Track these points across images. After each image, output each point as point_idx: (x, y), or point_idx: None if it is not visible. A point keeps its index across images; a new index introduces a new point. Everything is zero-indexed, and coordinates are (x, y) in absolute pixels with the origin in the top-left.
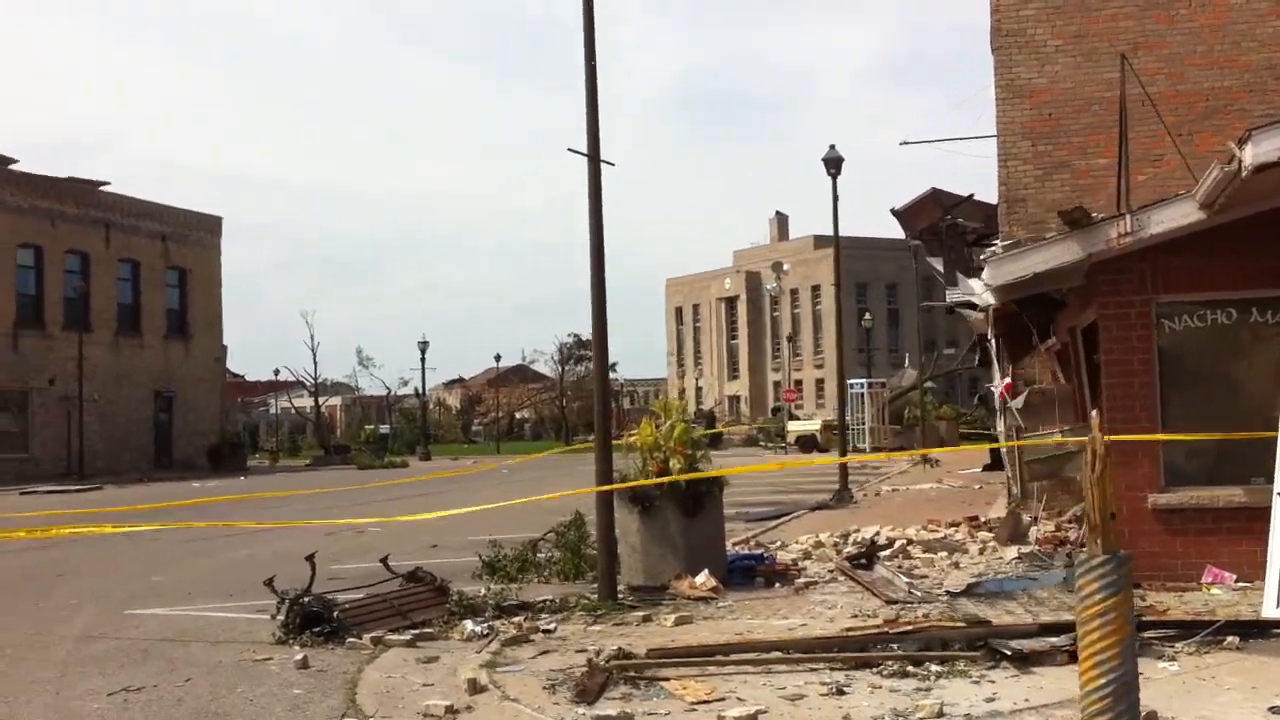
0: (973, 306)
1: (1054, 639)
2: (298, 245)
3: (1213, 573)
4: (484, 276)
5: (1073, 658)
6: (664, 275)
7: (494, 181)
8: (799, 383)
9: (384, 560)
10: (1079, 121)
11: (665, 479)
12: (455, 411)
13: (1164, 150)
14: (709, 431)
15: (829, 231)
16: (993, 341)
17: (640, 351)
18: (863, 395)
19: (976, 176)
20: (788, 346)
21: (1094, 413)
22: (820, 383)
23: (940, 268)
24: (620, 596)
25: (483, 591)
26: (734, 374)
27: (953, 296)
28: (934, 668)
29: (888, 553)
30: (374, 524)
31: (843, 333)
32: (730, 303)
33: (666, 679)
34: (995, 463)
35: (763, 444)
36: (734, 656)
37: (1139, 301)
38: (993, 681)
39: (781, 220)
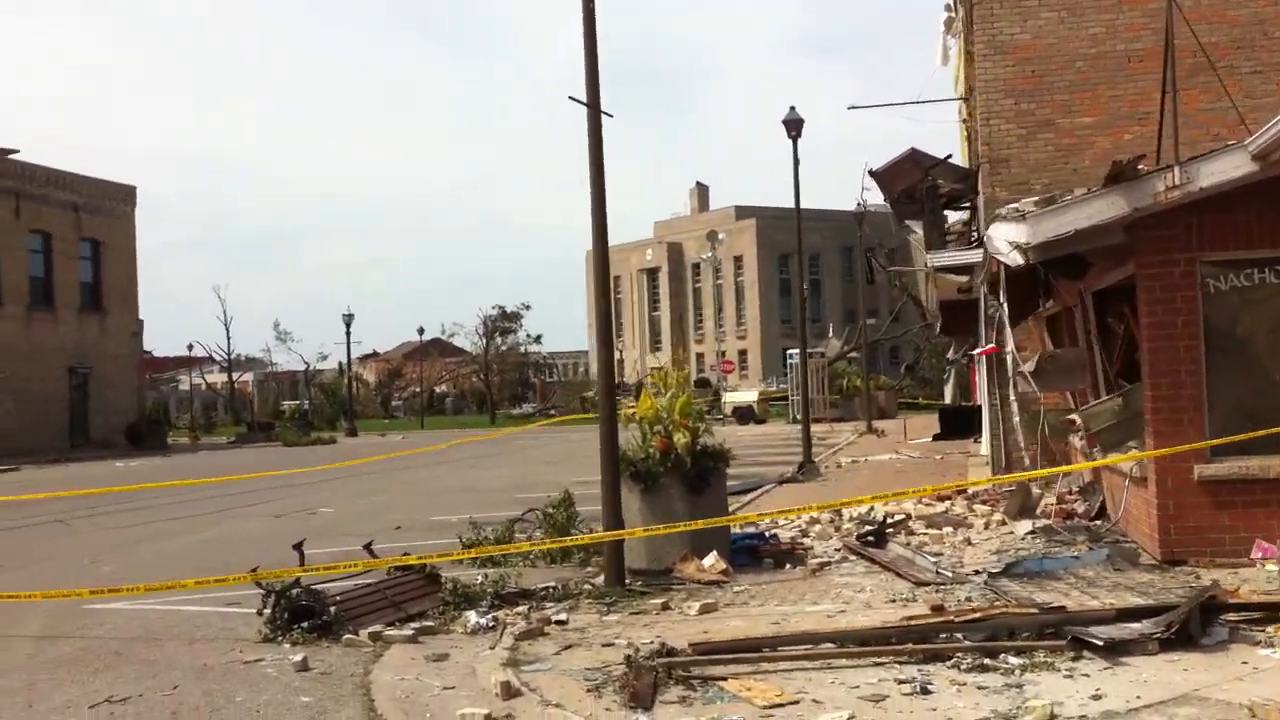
0: (957, 270)
1: (1136, 625)
2: (209, 222)
3: (1262, 547)
4: (399, 252)
5: (1164, 646)
6: (584, 247)
7: (413, 155)
8: (722, 354)
9: (368, 546)
10: (1063, 79)
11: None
12: (373, 386)
13: (1151, 108)
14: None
15: (749, 202)
16: (1004, 305)
17: (561, 324)
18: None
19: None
20: (716, 317)
21: None
22: (743, 354)
23: (919, 230)
24: (627, 582)
25: (479, 579)
26: (656, 346)
27: (937, 260)
28: (1012, 660)
29: (890, 529)
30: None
31: (790, 302)
32: (652, 274)
33: (721, 678)
34: (946, 431)
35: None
36: (787, 650)
37: (1183, 260)
38: (1086, 675)
39: (702, 191)
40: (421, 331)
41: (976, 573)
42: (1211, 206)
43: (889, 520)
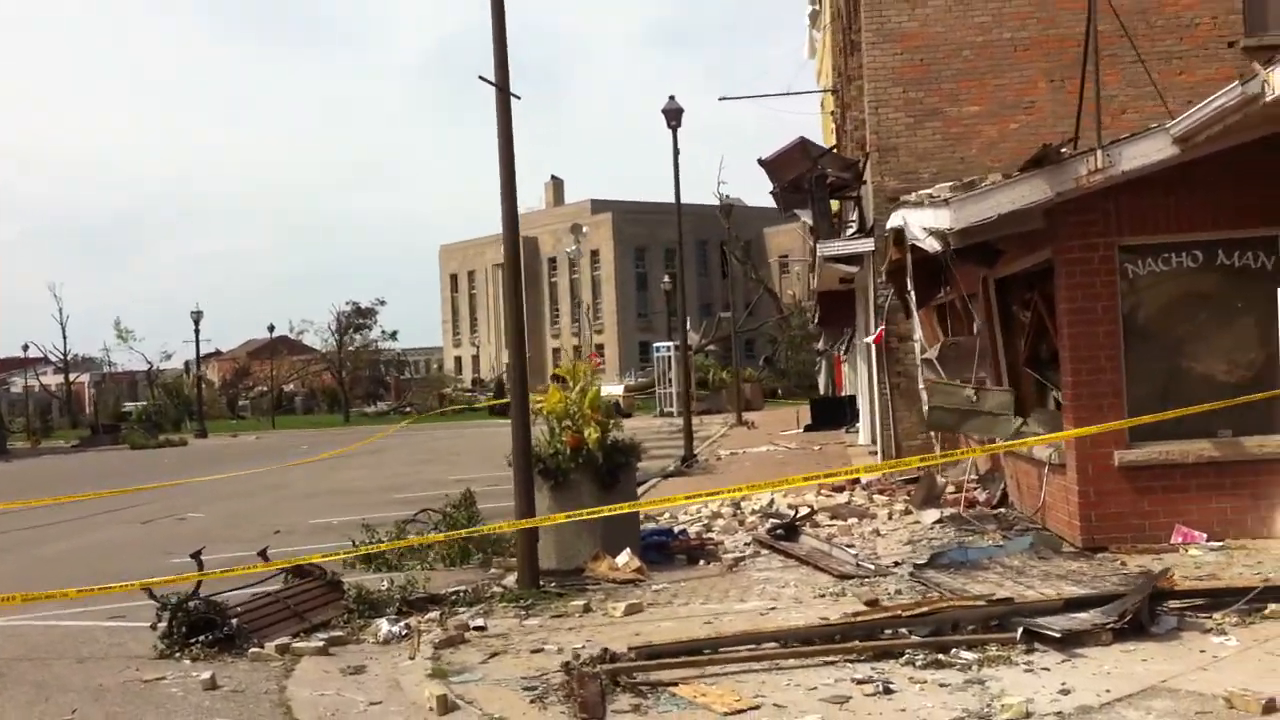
0: (846, 260)
1: (1084, 615)
2: (45, 218)
3: (1182, 532)
4: (238, 249)
5: (1117, 635)
6: (438, 241)
7: (260, 150)
8: (577, 349)
9: (262, 552)
10: (950, 67)
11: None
12: (217, 386)
13: (1036, 97)
14: (500, 401)
15: (605, 196)
16: (912, 293)
17: (413, 320)
18: (669, 358)
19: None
20: (583, 311)
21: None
22: (600, 348)
23: (810, 220)
24: (540, 583)
25: (384, 584)
26: None
27: (827, 249)
28: (965, 654)
29: (799, 522)
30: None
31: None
32: None
33: (671, 683)
34: (818, 422)
35: None
36: (731, 651)
37: (1103, 244)
38: (1046, 669)
39: (557, 184)
40: (272, 329)
41: (896, 564)
42: (1131, 190)
43: (797, 513)
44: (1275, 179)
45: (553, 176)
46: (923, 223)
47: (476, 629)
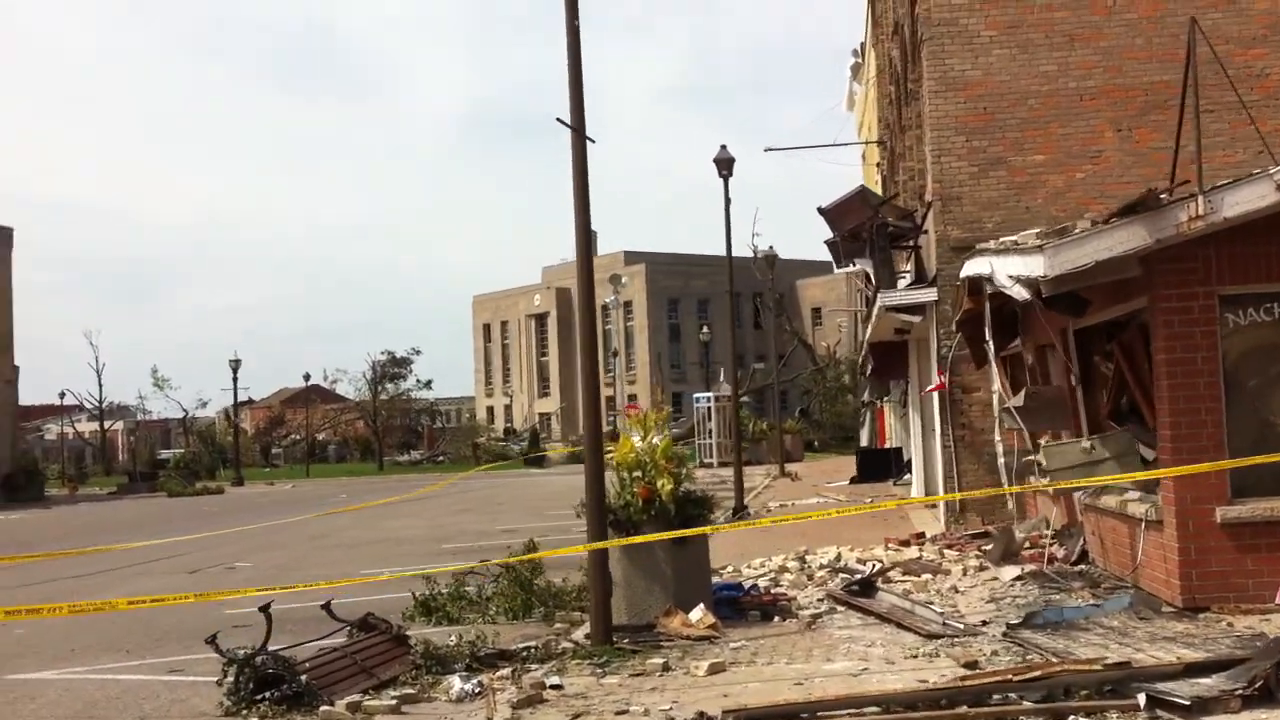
0: (909, 310)
1: (1207, 680)
2: (72, 265)
3: None
4: (272, 298)
5: (1246, 703)
6: (471, 292)
7: (293, 198)
8: (610, 399)
9: (326, 606)
10: (1014, 116)
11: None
12: (251, 434)
13: (1103, 146)
14: (536, 453)
15: (637, 248)
16: (990, 343)
17: (445, 370)
18: (709, 409)
19: (810, 189)
20: (615, 361)
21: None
22: (632, 398)
23: (870, 270)
24: (615, 639)
25: (452, 639)
26: (545, 391)
27: (890, 299)
28: None
29: (876, 578)
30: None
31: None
32: (540, 319)
33: None
34: (863, 474)
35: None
36: (829, 715)
37: (1203, 293)
38: None
39: (591, 236)
40: (307, 377)
41: (984, 623)
42: (1232, 238)
43: (873, 569)
44: None
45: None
46: (1010, 270)
47: (553, 688)
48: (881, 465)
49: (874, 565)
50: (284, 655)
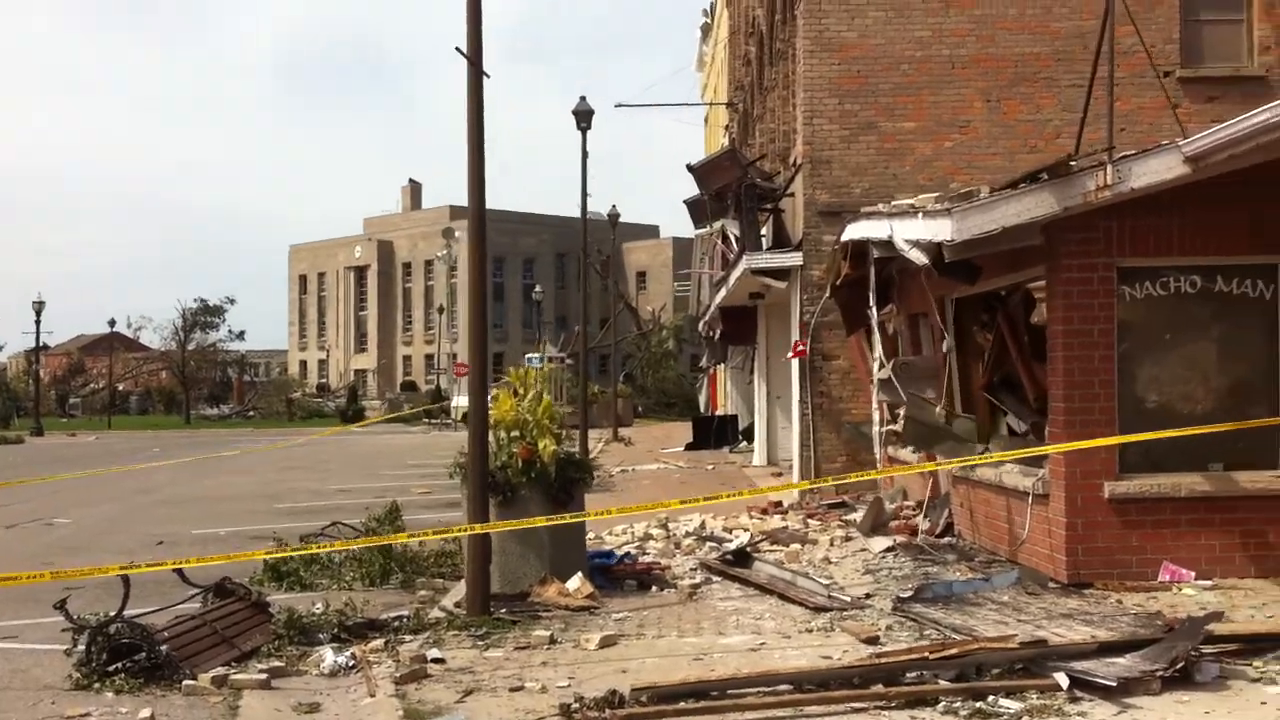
0: (773, 274)
1: (1124, 660)
2: None
3: (1170, 569)
4: (78, 240)
5: (1166, 684)
6: (288, 241)
7: (97, 140)
8: (429, 357)
9: (179, 570)
10: (887, 81)
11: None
12: (46, 382)
13: (971, 117)
14: (353, 409)
15: (463, 202)
16: (874, 309)
17: (258, 321)
18: (525, 371)
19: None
20: (440, 318)
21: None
22: (453, 357)
23: (736, 231)
24: (491, 609)
25: (319, 608)
26: (362, 347)
27: (756, 261)
28: (1006, 703)
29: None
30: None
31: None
32: (360, 272)
33: None
34: (699, 441)
35: (429, 421)
36: (744, 693)
37: (1102, 265)
38: None
39: (415, 189)
40: (112, 323)
41: (868, 595)
42: (1134, 211)
43: (752, 539)
44: (1276, 204)
45: (410, 180)
46: (910, 234)
47: (435, 661)
48: (717, 432)
49: (741, 535)
50: (141, 623)
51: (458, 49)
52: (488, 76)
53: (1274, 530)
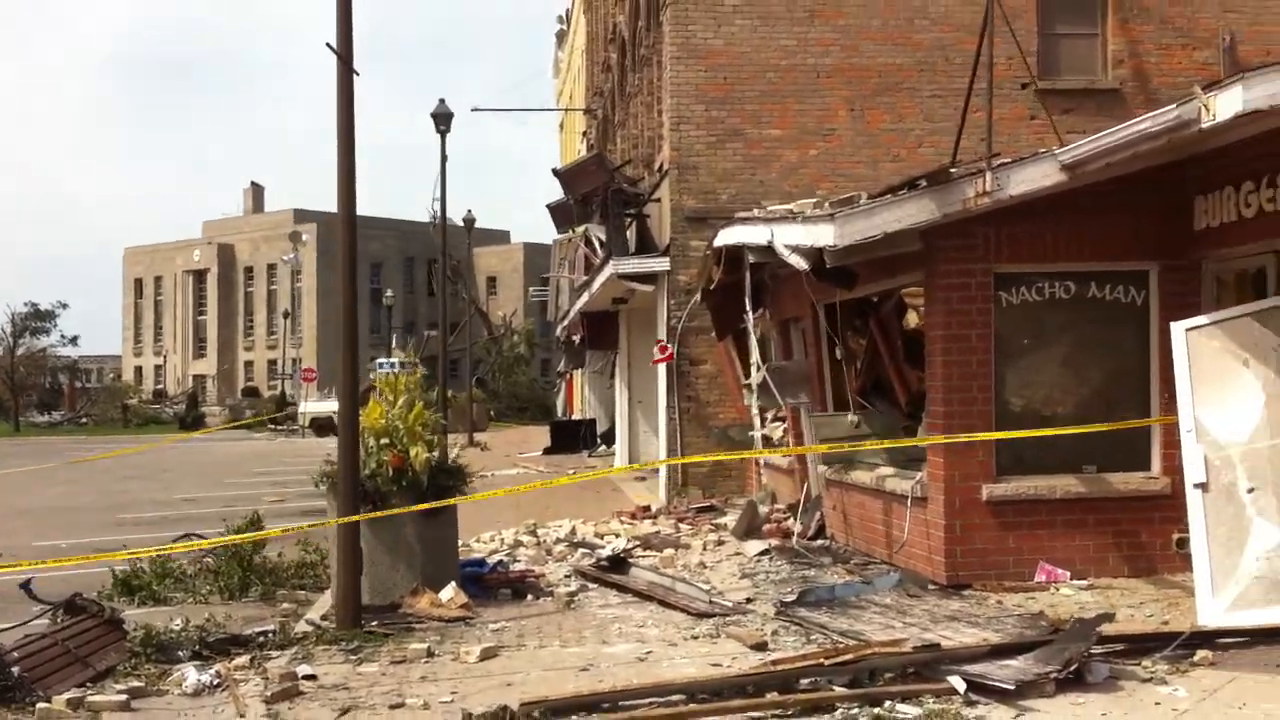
0: (641, 279)
1: (1015, 662)
2: None
3: (1045, 570)
4: None
5: (1060, 686)
6: (123, 244)
7: None
8: (272, 362)
9: (26, 586)
10: (753, 88)
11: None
12: None
13: (836, 125)
14: (192, 415)
15: (307, 206)
16: (749, 314)
17: (90, 327)
18: (395, 376)
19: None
20: (284, 323)
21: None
22: (297, 363)
23: (602, 235)
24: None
25: (177, 624)
26: (201, 352)
27: (623, 267)
28: (904, 708)
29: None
30: None
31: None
32: (199, 275)
33: None
34: (557, 446)
35: (274, 427)
36: (638, 705)
37: (980, 270)
38: None
39: (257, 191)
40: None
41: (749, 600)
42: (1011, 217)
43: (628, 545)
44: (1148, 212)
45: (253, 183)
46: (790, 239)
47: (306, 678)
48: (575, 436)
49: (614, 540)
50: None
51: (328, 45)
52: (358, 75)
53: (1146, 530)
